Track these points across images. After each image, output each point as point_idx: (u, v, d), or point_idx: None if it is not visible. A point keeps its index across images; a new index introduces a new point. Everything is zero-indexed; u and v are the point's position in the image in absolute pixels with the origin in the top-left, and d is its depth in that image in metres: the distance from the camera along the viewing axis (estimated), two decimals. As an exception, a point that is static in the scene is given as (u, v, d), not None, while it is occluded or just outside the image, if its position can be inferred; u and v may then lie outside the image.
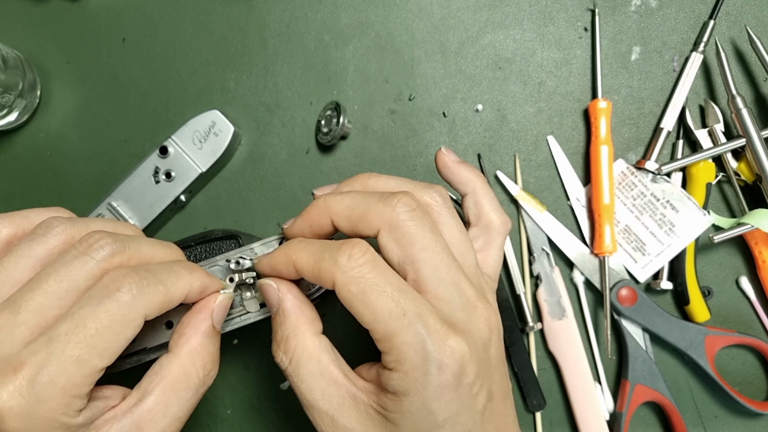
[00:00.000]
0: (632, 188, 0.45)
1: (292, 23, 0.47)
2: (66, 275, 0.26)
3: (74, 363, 0.25)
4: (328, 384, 0.29)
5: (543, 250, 0.45)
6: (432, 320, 0.27)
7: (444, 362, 0.26)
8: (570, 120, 0.46)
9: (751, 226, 0.41)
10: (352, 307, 0.27)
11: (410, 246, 0.28)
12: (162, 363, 0.29)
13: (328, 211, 0.30)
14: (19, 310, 0.26)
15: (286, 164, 0.47)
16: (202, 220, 0.47)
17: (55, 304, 0.26)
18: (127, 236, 0.29)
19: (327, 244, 0.29)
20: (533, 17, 0.46)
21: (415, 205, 0.29)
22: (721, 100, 0.45)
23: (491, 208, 0.34)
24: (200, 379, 0.29)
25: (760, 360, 0.45)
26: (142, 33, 0.47)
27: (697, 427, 0.45)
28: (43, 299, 0.26)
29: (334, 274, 0.27)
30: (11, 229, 0.30)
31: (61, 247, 0.28)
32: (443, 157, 0.35)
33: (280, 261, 0.30)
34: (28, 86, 0.45)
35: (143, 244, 0.30)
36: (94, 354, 0.25)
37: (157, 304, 0.27)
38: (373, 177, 0.33)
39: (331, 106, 0.45)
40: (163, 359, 0.29)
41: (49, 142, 0.48)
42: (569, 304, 0.44)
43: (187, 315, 0.31)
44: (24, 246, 0.28)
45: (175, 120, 0.47)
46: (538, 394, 0.44)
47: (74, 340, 0.25)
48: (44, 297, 0.26)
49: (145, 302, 0.27)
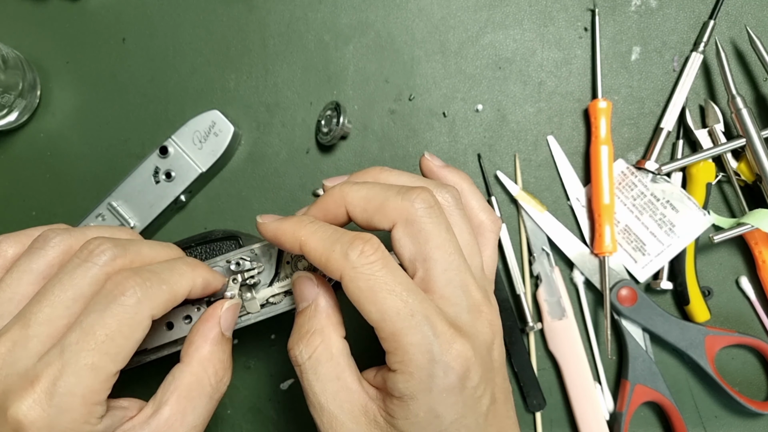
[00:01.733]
0: (632, 188, 0.45)
1: (292, 23, 0.47)
2: (71, 284, 0.27)
3: (89, 370, 0.25)
4: (342, 389, 0.29)
5: (543, 250, 0.45)
6: (439, 323, 0.27)
7: (450, 365, 0.27)
8: (570, 120, 0.46)
9: (751, 226, 0.41)
10: (359, 303, 0.27)
11: (425, 243, 0.28)
12: (174, 373, 0.29)
13: (343, 200, 0.30)
14: (29, 323, 0.26)
15: (286, 164, 0.47)
16: (202, 220, 0.47)
17: (63, 314, 0.26)
18: (127, 239, 0.29)
19: (339, 234, 0.28)
20: (533, 17, 0.46)
21: (433, 201, 0.29)
22: (721, 100, 0.45)
23: (480, 209, 0.34)
24: (213, 387, 0.29)
25: (760, 360, 0.45)
26: (142, 33, 0.47)
27: (697, 427, 0.45)
28: (51, 310, 0.26)
29: (343, 267, 0.27)
30: (17, 249, 0.30)
31: (61, 258, 0.29)
32: (428, 162, 0.35)
33: (287, 234, 0.30)
34: (28, 86, 0.45)
35: (143, 246, 0.30)
36: (108, 359, 0.26)
37: (162, 303, 0.28)
38: (386, 171, 0.32)
39: (331, 106, 0.45)
40: (176, 369, 0.29)
41: (49, 142, 0.48)
42: (569, 304, 0.44)
43: (196, 324, 0.31)
44: (24, 261, 0.28)
45: (175, 120, 0.47)
46: (538, 394, 0.44)
47: (86, 348, 0.25)
48: (52, 308, 0.26)
49: (151, 303, 0.27)
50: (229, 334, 0.31)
